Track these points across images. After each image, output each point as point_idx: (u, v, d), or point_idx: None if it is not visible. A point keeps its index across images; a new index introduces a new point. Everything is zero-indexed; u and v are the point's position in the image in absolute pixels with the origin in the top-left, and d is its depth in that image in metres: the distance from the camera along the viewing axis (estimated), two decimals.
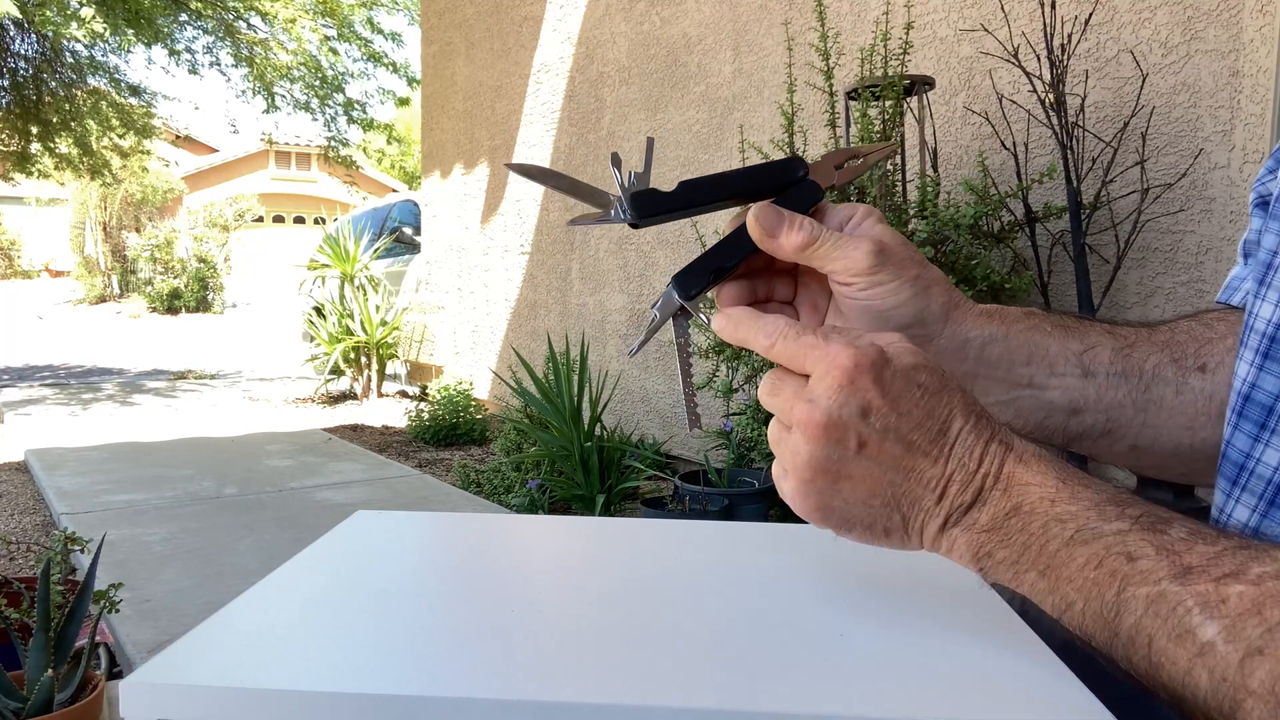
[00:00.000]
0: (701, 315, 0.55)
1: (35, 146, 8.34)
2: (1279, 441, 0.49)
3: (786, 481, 0.49)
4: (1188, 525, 0.41)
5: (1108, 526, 0.42)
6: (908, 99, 2.48)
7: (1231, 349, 0.59)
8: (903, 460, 0.46)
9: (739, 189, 0.55)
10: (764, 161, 0.55)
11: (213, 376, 8.23)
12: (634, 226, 0.56)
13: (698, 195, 0.54)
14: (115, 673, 1.59)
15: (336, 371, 6.70)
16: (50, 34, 6.54)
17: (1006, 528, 0.45)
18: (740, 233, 0.54)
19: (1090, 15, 2.32)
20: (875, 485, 0.47)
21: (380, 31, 9.29)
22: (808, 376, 0.48)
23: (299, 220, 25.57)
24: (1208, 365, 0.59)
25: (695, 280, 0.54)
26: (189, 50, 8.54)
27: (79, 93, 8.35)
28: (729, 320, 0.52)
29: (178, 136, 12.78)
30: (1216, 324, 0.61)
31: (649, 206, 0.55)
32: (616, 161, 0.57)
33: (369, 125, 9.64)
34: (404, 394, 6.75)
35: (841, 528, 0.49)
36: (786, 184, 0.55)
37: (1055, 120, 2.22)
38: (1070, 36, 2.27)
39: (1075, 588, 0.42)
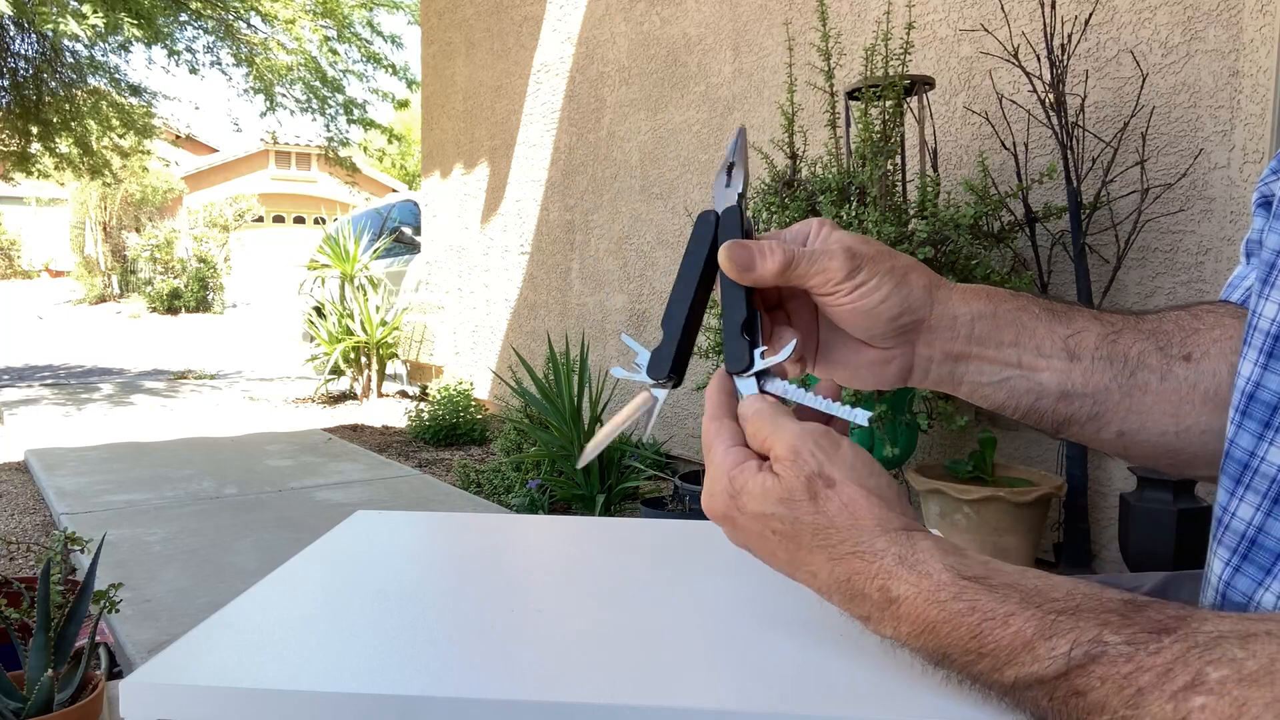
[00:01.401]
0: (772, 358, 0.53)
1: (35, 146, 8.34)
2: None
3: None
4: (1125, 634, 0.39)
5: (1045, 670, 0.40)
6: (908, 99, 2.48)
7: (1217, 340, 0.59)
8: (793, 574, 0.49)
9: (695, 275, 0.56)
10: (688, 242, 0.57)
11: (213, 376, 8.23)
12: (676, 385, 0.57)
13: (678, 315, 0.56)
14: (115, 673, 1.59)
15: (336, 371, 6.70)
16: (50, 32, 6.53)
17: (943, 661, 0.44)
18: (726, 285, 0.55)
19: (1090, 15, 2.33)
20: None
21: (380, 33, 9.30)
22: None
23: (299, 220, 25.57)
24: (1193, 354, 0.59)
25: (738, 352, 0.54)
26: (189, 50, 8.54)
27: (79, 93, 8.34)
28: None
29: (178, 136, 12.77)
30: (1205, 315, 0.61)
31: (667, 363, 0.56)
32: (621, 371, 0.60)
33: (369, 124, 9.64)
34: (404, 394, 6.75)
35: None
36: (715, 231, 0.56)
37: (1055, 120, 2.22)
38: (1070, 36, 2.27)
39: (1036, 711, 0.41)
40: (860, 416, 0.51)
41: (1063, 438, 0.62)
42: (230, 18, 8.47)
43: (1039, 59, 2.31)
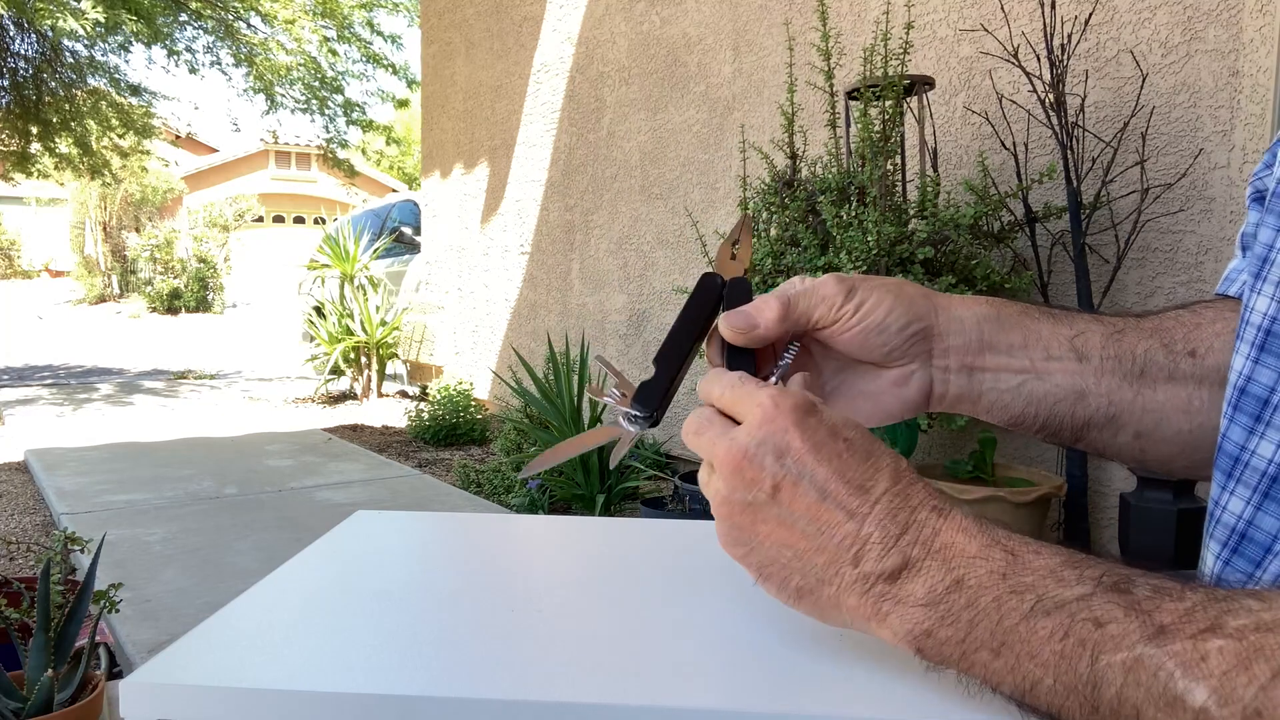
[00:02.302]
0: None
1: (35, 146, 8.34)
2: (1273, 434, 0.49)
3: (716, 524, 0.49)
4: (1150, 581, 0.39)
5: (1068, 593, 0.39)
6: (908, 99, 2.48)
7: (1220, 334, 0.59)
8: (816, 510, 0.45)
9: (693, 328, 0.58)
10: (687, 297, 0.59)
11: (213, 376, 8.23)
12: (653, 425, 0.58)
13: (674, 358, 0.57)
14: (115, 673, 1.58)
15: (336, 371, 6.70)
16: (49, 29, 6.52)
17: (949, 603, 0.42)
18: (733, 351, 0.56)
19: (1090, 15, 2.33)
20: (789, 534, 0.46)
21: (380, 33, 9.30)
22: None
23: (299, 220, 25.57)
24: (1197, 350, 0.59)
25: None
26: (189, 50, 8.55)
27: (79, 93, 8.34)
28: (702, 381, 0.53)
29: (178, 136, 12.77)
30: (1204, 311, 0.61)
31: (653, 399, 0.57)
32: (597, 390, 0.60)
33: (368, 126, 9.64)
34: (404, 394, 6.75)
35: (759, 574, 0.48)
36: (719, 295, 0.58)
37: (1055, 120, 2.22)
38: (1070, 36, 2.27)
39: (1040, 663, 0.39)
40: None
41: (1082, 448, 0.62)
42: (230, 18, 8.48)
43: (1039, 59, 2.31)
